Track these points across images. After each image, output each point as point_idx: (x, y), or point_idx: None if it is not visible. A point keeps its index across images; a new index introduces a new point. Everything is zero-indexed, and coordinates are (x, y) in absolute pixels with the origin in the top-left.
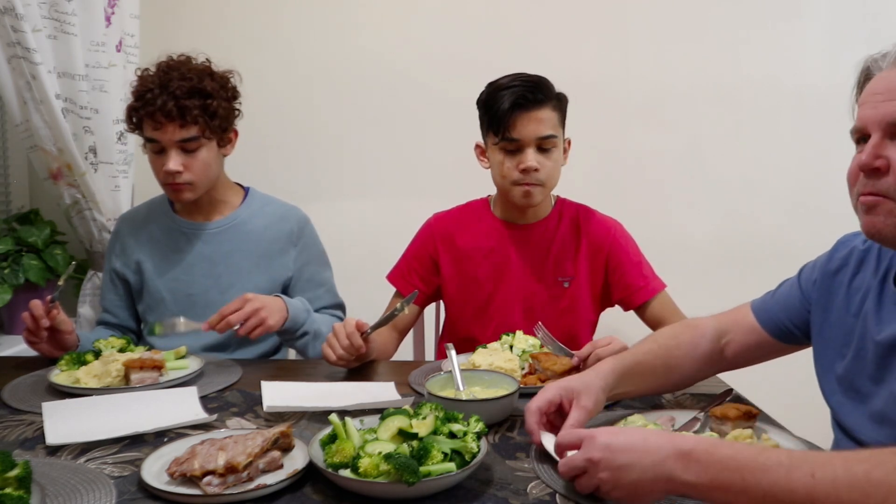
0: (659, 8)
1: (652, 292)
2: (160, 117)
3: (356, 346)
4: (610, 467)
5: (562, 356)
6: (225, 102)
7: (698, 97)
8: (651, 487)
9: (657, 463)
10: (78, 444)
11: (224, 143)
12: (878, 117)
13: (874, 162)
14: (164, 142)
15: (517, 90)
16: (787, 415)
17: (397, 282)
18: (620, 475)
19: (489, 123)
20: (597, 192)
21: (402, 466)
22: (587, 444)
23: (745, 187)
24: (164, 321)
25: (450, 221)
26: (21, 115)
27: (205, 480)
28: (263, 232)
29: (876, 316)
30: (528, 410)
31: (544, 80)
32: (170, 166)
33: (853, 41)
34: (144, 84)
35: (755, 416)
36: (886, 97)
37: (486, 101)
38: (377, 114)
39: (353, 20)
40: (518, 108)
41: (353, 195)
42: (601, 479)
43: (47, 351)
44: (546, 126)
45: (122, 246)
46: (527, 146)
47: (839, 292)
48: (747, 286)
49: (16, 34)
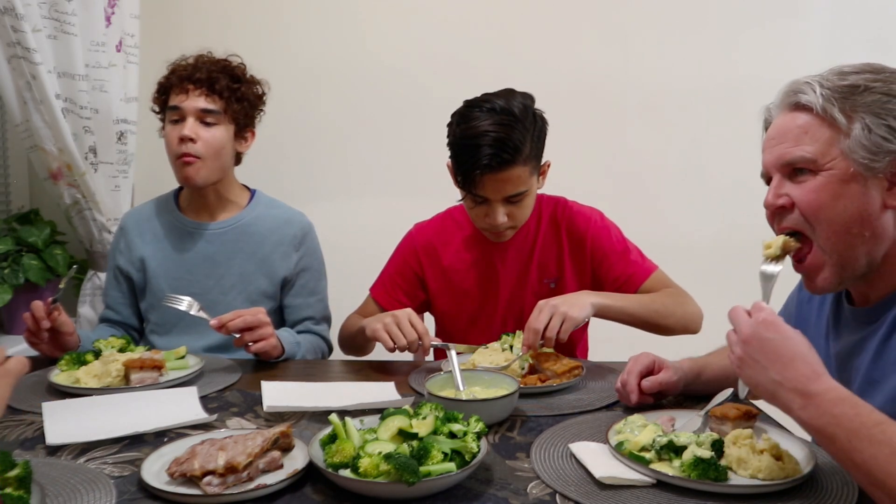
0: (659, 9)
1: (643, 277)
2: (188, 84)
3: (425, 347)
4: (747, 353)
5: (563, 356)
6: (252, 94)
7: (698, 98)
8: (763, 395)
9: (784, 387)
10: (78, 444)
11: (241, 135)
12: (774, 160)
13: (777, 201)
14: (185, 109)
15: (486, 151)
16: (787, 415)
17: (381, 297)
18: (747, 364)
19: (456, 172)
20: (596, 193)
21: (402, 466)
22: (756, 320)
23: (745, 188)
24: (174, 297)
25: (431, 234)
26: (21, 115)
27: (205, 480)
28: (268, 235)
29: (834, 332)
30: (631, 373)
31: (516, 131)
32: (185, 131)
33: (853, 42)
34: (179, 63)
35: (755, 416)
36: (778, 141)
37: (455, 149)
38: (377, 114)
39: (354, 21)
40: (487, 169)
41: (353, 195)
42: (735, 354)
43: (48, 351)
44: (516, 185)
45: (127, 243)
46: (495, 203)
47: (811, 318)
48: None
49: (16, 34)
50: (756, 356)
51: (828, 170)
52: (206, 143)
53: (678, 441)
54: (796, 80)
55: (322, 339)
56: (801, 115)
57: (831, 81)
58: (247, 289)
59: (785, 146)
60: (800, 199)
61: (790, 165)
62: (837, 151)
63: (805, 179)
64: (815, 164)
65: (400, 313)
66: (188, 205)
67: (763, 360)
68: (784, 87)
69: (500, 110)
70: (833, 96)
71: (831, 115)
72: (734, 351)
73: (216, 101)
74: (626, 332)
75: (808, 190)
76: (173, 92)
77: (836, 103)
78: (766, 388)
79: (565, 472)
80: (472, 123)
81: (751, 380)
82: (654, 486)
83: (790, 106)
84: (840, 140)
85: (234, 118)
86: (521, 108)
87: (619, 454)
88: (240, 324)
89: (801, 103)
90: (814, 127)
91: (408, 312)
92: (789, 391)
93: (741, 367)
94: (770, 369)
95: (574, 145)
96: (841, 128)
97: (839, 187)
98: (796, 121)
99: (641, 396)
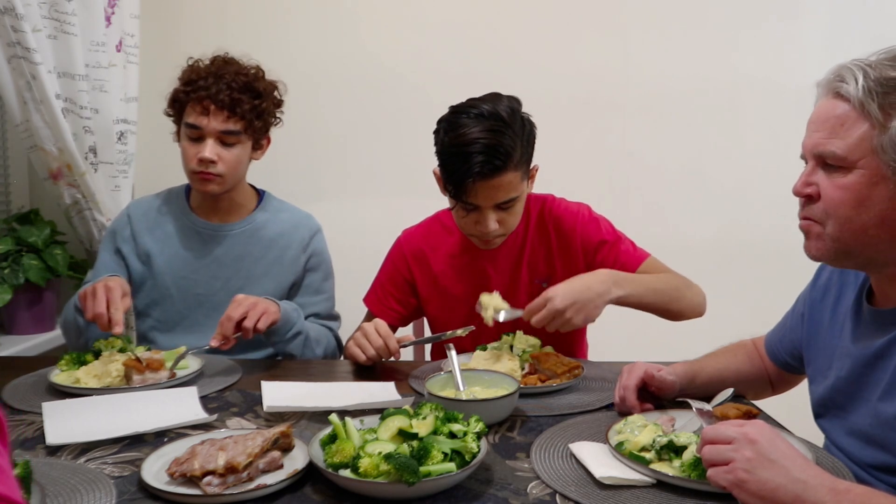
0: (658, 9)
1: (637, 264)
2: (209, 104)
3: (392, 350)
4: (760, 453)
5: (563, 356)
6: (272, 107)
7: (698, 98)
8: (783, 498)
9: (810, 484)
10: (78, 444)
11: (258, 146)
12: (810, 146)
13: (804, 189)
14: (206, 130)
15: (477, 158)
16: (787, 415)
17: (373, 305)
18: (763, 465)
19: (445, 180)
20: (596, 193)
21: (402, 466)
22: (753, 424)
23: (745, 188)
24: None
25: (420, 239)
26: (21, 115)
27: (205, 480)
28: (277, 239)
29: (853, 333)
30: (627, 389)
31: (506, 136)
32: (206, 153)
33: (853, 42)
34: (197, 72)
35: (755, 417)
36: (816, 127)
37: (444, 157)
38: (377, 115)
39: (354, 21)
40: (479, 177)
41: (353, 195)
42: (744, 456)
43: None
44: (507, 191)
45: (133, 233)
46: (486, 210)
47: (824, 318)
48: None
49: (16, 34)
50: (771, 455)
51: (859, 168)
52: (226, 163)
53: (678, 441)
54: (843, 63)
55: (331, 332)
56: (841, 104)
57: (878, 71)
58: (253, 291)
59: (820, 135)
60: (826, 193)
61: (822, 157)
62: (870, 148)
63: (836, 173)
64: (845, 161)
65: (367, 325)
66: (198, 205)
67: (780, 458)
68: (831, 69)
69: (487, 115)
70: (875, 90)
71: (868, 110)
72: (740, 455)
73: (238, 122)
74: (627, 333)
75: (836, 186)
76: (192, 107)
77: (875, 98)
78: (789, 490)
79: (565, 472)
80: (461, 131)
81: (769, 482)
82: (654, 486)
83: (832, 92)
84: (875, 136)
85: (253, 133)
86: (508, 112)
87: (619, 454)
88: (231, 327)
89: (841, 93)
90: (850, 119)
91: (375, 323)
92: (818, 488)
93: (754, 470)
94: (791, 468)
95: (574, 146)
96: (876, 123)
97: (866, 189)
98: (835, 110)
99: (642, 406)
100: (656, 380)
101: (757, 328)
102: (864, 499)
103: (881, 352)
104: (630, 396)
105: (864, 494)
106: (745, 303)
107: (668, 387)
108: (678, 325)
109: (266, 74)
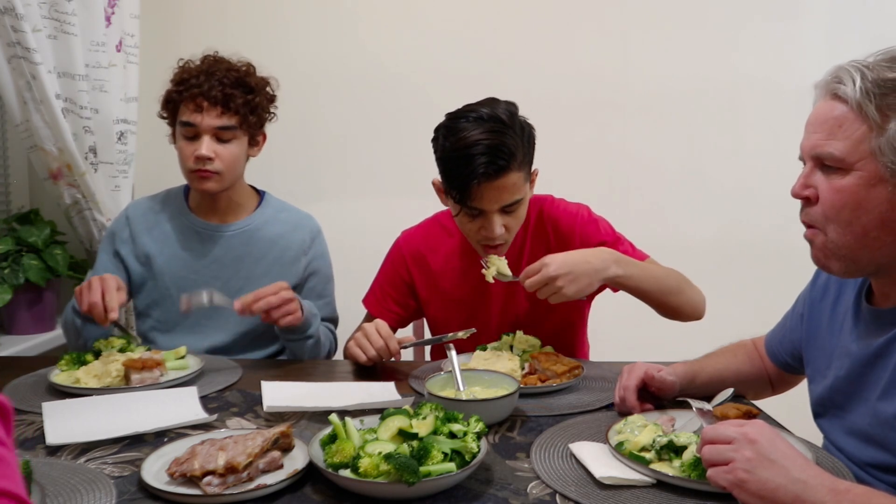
0: (658, 10)
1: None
2: (202, 101)
3: (393, 351)
4: (760, 453)
5: (563, 356)
6: (265, 102)
7: (698, 98)
8: (783, 498)
9: (810, 485)
10: (78, 444)
11: (254, 142)
12: (808, 148)
13: (803, 191)
14: (201, 126)
15: (480, 160)
16: (786, 415)
17: (372, 307)
18: (763, 465)
19: (448, 186)
20: (596, 193)
21: (402, 466)
22: (753, 424)
23: (745, 189)
24: (191, 295)
25: (419, 241)
26: (21, 115)
27: (205, 480)
28: (277, 240)
29: (853, 333)
30: (627, 389)
31: (508, 137)
32: (202, 151)
33: (853, 42)
34: (188, 72)
35: (755, 417)
36: (814, 129)
37: (446, 163)
38: (377, 115)
39: (354, 21)
40: (483, 178)
41: (353, 195)
42: (744, 456)
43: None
44: (512, 193)
45: (133, 234)
46: (491, 214)
47: (824, 318)
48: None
49: (16, 34)
50: (771, 455)
51: (857, 170)
52: (223, 160)
53: (678, 441)
54: (841, 65)
55: (332, 334)
56: (839, 105)
57: (876, 72)
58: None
59: (818, 137)
60: (824, 196)
61: (820, 159)
62: (867, 150)
63: (834, 175)
64: (843, 162)
65: (368, 326)
66: (197, 206)
67: (780, 458)
68: (829, 70)
69: (487, 118)
70: (872, 91)
71: (866, 112)
72: (740, 455)
73: (232, 117)
74: (626, 333)
75: (834, 188)
76: (185, 106)
77: (873, 100)
78: (789, 490)
79: (565, 472)
80: (462, 135)
81: (769, 482)
82: (654, 486)
83: (830, 94)
84: (872, 138)
85: (248, 129)
86: (507, 114)
87: (619, 454)
88: (263, 306)
89: (839, 94)
90: (848, 121)
91: (376, 323)
92: (818, 488)
93: (753, 470)
94: (791, 468)
95: (574, 146)
96: (874, 125)
97: (865, 191)
98: (833, 111)
99: (642, 406)
100: (656, 380)
101: (757, 328)
102: (863, 499)
103: (880, 351)
104: (630, 396)
105: (863, 494)
106: (745, 303)
107: (669, 387)
108: (678, 326)
109: (258, 71)
